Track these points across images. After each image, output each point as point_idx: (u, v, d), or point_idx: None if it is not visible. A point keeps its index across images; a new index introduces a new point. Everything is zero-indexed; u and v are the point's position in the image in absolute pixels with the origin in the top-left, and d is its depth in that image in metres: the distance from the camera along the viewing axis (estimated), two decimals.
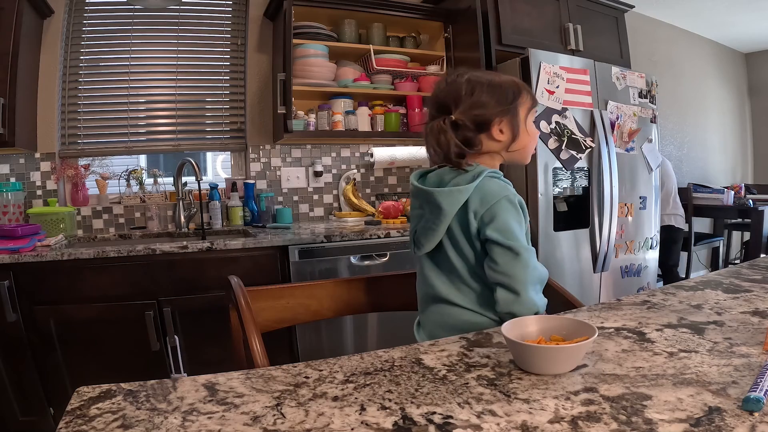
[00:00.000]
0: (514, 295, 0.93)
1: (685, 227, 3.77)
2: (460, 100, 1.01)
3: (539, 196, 2.41)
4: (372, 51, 2.66)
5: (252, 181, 2.68)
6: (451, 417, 0.55)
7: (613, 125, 2.64)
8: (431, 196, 0.99)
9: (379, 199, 2.98)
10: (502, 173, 1.03)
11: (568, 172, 2.57)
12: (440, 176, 1.03)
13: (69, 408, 0.58)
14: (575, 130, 2.50)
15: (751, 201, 3.92)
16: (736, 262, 4.90)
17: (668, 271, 3.71)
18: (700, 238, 4.10)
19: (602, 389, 0.60)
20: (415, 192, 1.07)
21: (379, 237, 2.23)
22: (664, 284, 2.88)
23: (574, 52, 2.79)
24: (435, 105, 1.05)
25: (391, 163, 2.93)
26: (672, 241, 3.66)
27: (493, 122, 1.01)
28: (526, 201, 1.88)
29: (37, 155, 2.41)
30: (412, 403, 0.58)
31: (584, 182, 2.61)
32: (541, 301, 0.97)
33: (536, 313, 0.93)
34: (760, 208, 3.81)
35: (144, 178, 2.62)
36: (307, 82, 2.56)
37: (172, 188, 2.61)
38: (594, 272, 2.64)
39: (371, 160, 2.89)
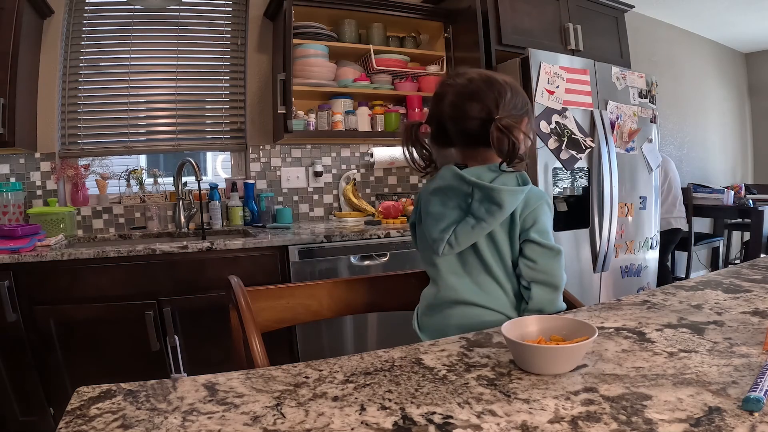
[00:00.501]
0: (552, 292, 1.00)
1: (686, 227, 3.78)
2: (501, 102, 1.00)
3: None
4: (372, 51, 2.66)
5: (252, 181, 2.68)
6: (451, 417, 0.55)
7: (613, 125, 2.64)
8: (495, 192, 0.97)
9: (379, 199, 2.98)
10: None
11: (568, 172, 2.57)
12: (477, 175, 1.01)
13: (69, 408, 0.58)
14: (575, 130, 2.50)
15: (751, 201, 3.92)
16: (736, 262, 4.90)
17: (662, 269, 3.70)
18: (700, 238, 4.10)
19: (602, 389, 0.60)
20: (452, 188, 1.03)
21: (379, 237, 2.23)
22: (658, 285, 2.89)
23: (574, 52, 2.79)
24: (466, 105, 1.01)
25: (391, 163, 2.93)
26: (672, 242, 3.67)
27: (522, 124, 1.03)
28: None
29: (37, 155, 2.41)
30: (412, 403, 0.58)
31: (584, 182, 2.61)
32: (563, 303, 1.02)
33: (557, 313, 0.98)
34: (760, 208, 3.80)
35: (144, 178, 2.62)
36: (307, 82, 2.56)
37: (172, 188, 2.61)
38: (594, 272, 2.64)
39: (371, 160, 2.89)
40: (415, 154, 1.07)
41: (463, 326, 1.00)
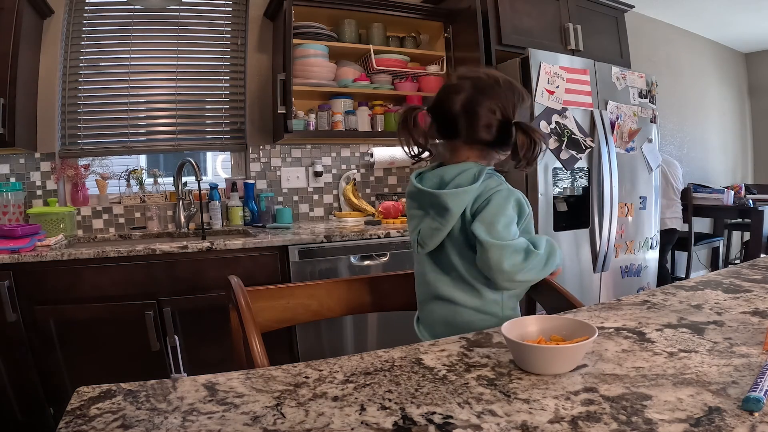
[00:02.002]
0: (508, 279, 0.97)
1: (681, 227, 3.78)
2: (517, 105, 1.02)
3: (539, 196, 2.42)
4: (372, 51, 2.66)
5: (252, 181, 2.68)
6: (451, 417, 0.55)
7: (613, 125, 2.64)
8: (439, 198, 1.00)
9: (379, 199, 2.98)
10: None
11: (568, 172, 2.57)
12: (439, 176, 1.04)
13: (69, 408, 0.58)
14: (575, 130, 2.50)
15: (751, 201, 3.92)
16: (736, 262, 4.90)
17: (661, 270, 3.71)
18: (700, 238, 4.10)
19: (602, 389, 0.60)
20: (416, 193, 1.07)
21: (379, 237, 2.23)
22: (658, 285, 2.88)
23: (574, 52, 2.79)
24: (485, 101, 1.01)
25: (391, 163, 2.93)
26: (669, 242, 3.67)
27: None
28: None
29: (37, 155, 2.41)
30: (412, 403, 0.58)
31: (584, 182, 2.61)
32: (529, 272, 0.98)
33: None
34: (760, 208, 3.80)
35: (144, 178, 2.62)
36: (307, 82, 2.56)
37: (172, 188, 2.61)
38: (594, 272, 2.64)
39: (371, 160, 2.89)
40: (411, 142, 1.07)
41: (446, 322, 1.06)
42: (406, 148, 1.07)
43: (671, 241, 3.70)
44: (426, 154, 1.09)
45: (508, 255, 0.94)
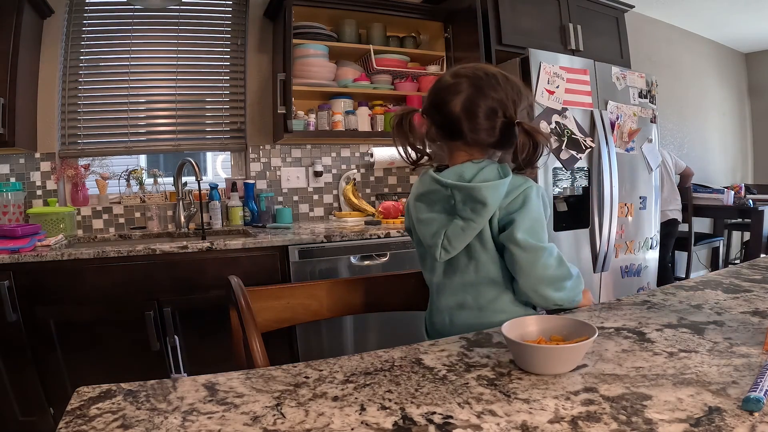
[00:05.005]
0: (547, 287, 0.94)
1: (680, 217, 3.77)
2: (517, 102, 0.98)
3: None
4: (372, 51, 2.66)
5: (252, 181, 2.68)
6: (451, 417, 0.55)
7: (613, 125, 2.64)
8: (476, 191, 0.93)
9: (379, 199, 2.98)
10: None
11: (568, 172, 2.57)
12: (458, 174, 0.98)
13: (69, 408, 0.58)
14: (575, 130, 2.50)
15: (751, 201, 3.92)
16: (736, 262, 4.90)
17: (663, 266, 3.70)
18: (700, 238, 4.10)
19: (602, 389, 0.60)
20: (433, 193, 1.00)
21: (379, 237, 2.23)
22: (658, 284, 2.88)
23: (574, 52, 2.79)
24: (483, 101, 0.97)
25: (391, 163, 2.93)
26: (671, 234, 3.66)
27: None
28: None
29: (37, 155, 2.41)
30: (412, 403, 0.58)
31: (584, 182, 2.61)
32: (559, 295, 0.95)
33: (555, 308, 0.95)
34: (760, 208, 3.80)
35: (144, 178, 2.62)
36: (307, 82, 2.56)
37: (172, 188, 2.61)
38: (594, 272, 2.64)
39: (371, 160, 2.89)
40: (408, 147, 1.03)
41: (471, 328, 0.99)
42: (403, 154, 1.03)
43: (673, 233, 3.68)
44: (425, 159, 1.06)
45: (545, 257, 0.93)
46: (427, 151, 1.06)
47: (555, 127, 2.43)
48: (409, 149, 1.03)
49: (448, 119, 0.99)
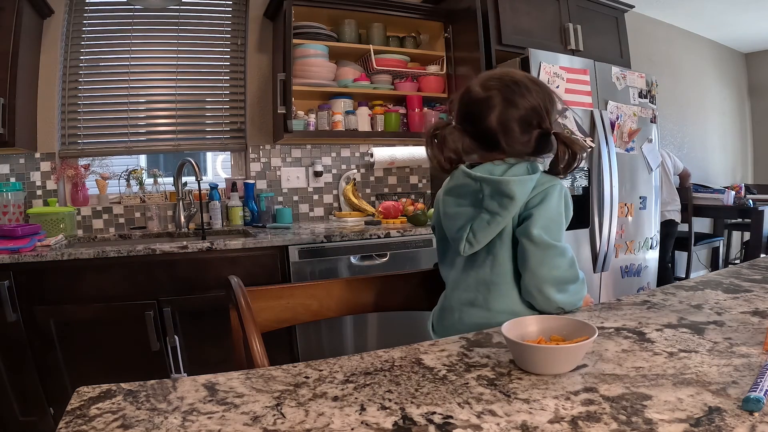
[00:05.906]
0: (555, 290, 0.95)
1: (679, 218, 3.78)
2: (550, 109, 1.00)
3: None
4: (372, 51, 2.66)
5: (252, 181, 2.68)
6: (451, 417, 0.55)
7: (613, 125, 2.64)
8: (503, 184, 0.95)
9: (379, 199, 2.98)
10: None
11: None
12: (488, 170, 1.00)
13: (69, 408, 0.58)
14: (575, 130, 2.50)
15: (751, 201, 3.92)
16: (736, 262, 4.90)
17: (662, 267, 3.70)
18: (700, 238, 4.10)
19: (602, 389, 0.60)
20: (464, 187, 1.02)
21: (379, 237, 2.23)
22: (658, 284, 2.88)
23: (574, 52, 2.79)
24: (517, 115, 0.98)
25: (391, 163, 2.93)
26: (670, 235, 3.66)
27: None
28: None
29: (37, 155, 2.41)
30: (412, 403, 0.58)
31: (584, 182, 2.61)
32: (564, 298, 0.96)
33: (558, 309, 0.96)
34: (760, 208, 3.80)
35: (144, 178, 2.62)
36: (307, 82, 2.56)
37: (172, 188, 2.61)
38: (594, 272, 2.64)
39: (371, 160, 2.89)
40: (443, 160, 1.03)
41: (479, 327, 1.00)
42: (438, 165, 1.04)
43: (672, 234, 3.69)
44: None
45: (556, 257, 0.94)
46: (463, 159, 1.06)
47: None
48: (444, 162, 1.04)
49: (485, 134, 1.01)
